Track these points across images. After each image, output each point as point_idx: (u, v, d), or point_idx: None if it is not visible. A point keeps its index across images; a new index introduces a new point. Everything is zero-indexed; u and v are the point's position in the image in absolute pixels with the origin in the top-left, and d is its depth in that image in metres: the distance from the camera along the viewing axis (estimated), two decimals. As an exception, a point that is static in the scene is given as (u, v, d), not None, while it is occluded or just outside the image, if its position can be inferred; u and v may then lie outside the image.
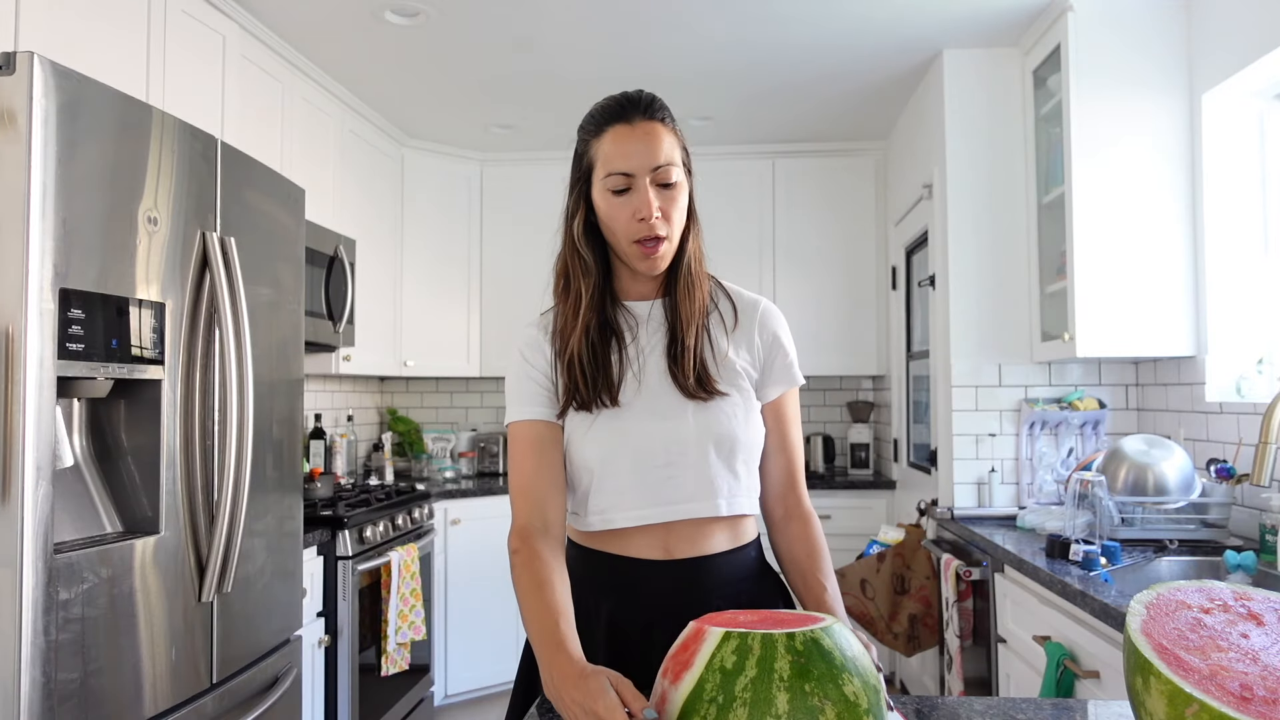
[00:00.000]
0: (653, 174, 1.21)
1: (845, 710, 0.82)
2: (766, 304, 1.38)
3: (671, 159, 1.23)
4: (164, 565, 1.74)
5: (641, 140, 1.22)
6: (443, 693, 3.81)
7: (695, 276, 1.30)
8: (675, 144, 1.25)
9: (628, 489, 1.25)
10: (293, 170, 3.09)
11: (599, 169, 1.24)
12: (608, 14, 2.90)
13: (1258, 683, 0.78)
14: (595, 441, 1.26)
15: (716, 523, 1.28)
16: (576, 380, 1.26)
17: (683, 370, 1.26)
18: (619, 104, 1.25)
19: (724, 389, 1.27)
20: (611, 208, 1.23)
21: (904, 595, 2.99)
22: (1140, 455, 2.37)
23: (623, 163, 1.21)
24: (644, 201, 1.21)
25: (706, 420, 1.26)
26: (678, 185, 1.24)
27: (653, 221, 1.21)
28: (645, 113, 1.23)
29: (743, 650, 0.86)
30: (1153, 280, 2.65)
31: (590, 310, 1.27)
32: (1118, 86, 2.67)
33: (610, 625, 1.26)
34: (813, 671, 0.84)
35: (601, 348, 1.28)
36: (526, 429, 1.28)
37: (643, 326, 1.31)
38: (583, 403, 1.26)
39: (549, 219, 4.92)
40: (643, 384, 1.28)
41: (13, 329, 1.43)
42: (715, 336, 1.31)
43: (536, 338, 1.33)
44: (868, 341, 4.25)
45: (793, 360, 1.36)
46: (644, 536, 1.26)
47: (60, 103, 1.49)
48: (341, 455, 3.79)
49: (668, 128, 1.25)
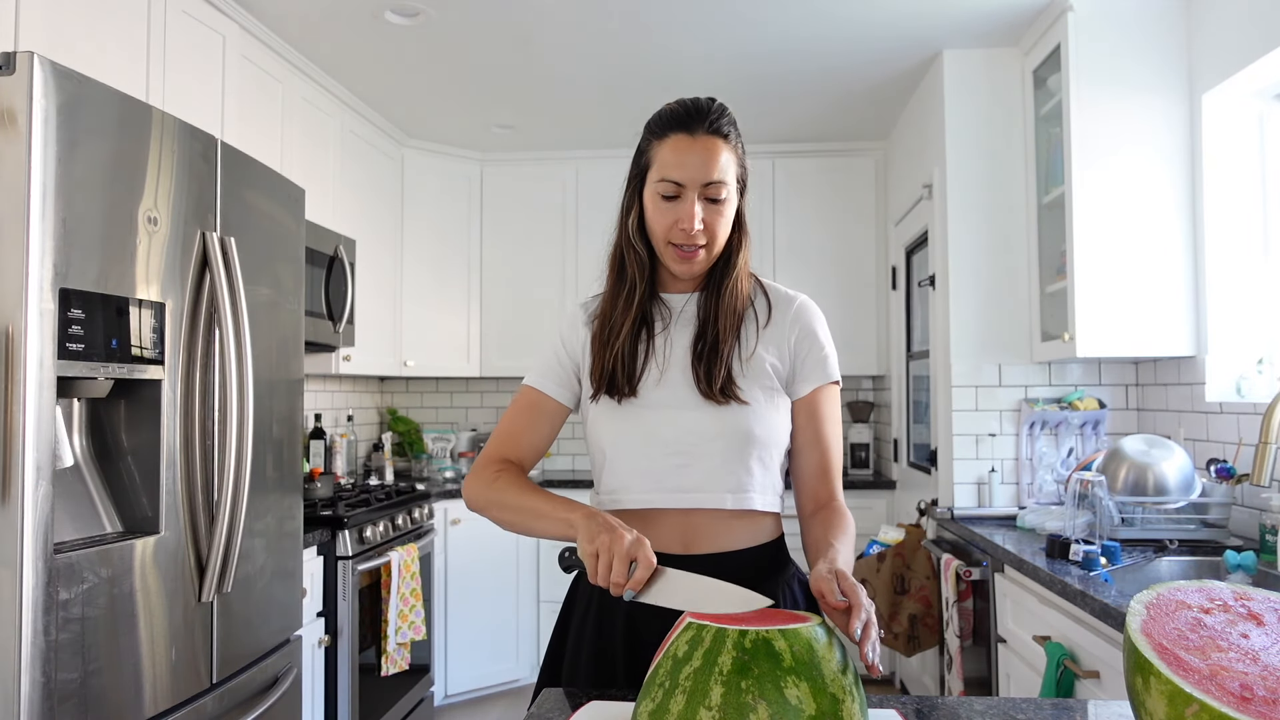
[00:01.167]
0: (703, 189, 1.24)
1: (781, 712, 0.83)
2: (803, 301, 1.38)
3: (724, 177, 1.25)
4: (164, 565, 1.74)
5: (699, 154, 1.24)
6: (443, 693, 3.81)
7: (737, 286, 1.31)
8: (733, 161, 1.27)
9: (637, 473, 1.29)
10: (293, 170, 3.09)
11: (654, 171, 1.27)
12: (607, 14, 2.90)
13: (1258, 683, 0.78)
14: (611, 425, 1.31)
15: (735, 519, 1.29)
16: (616, 368, 1.30)
17: (706, 374, 1.28)
18: (687, 111, 1.26)
19: (745, 397, 1.28)
20: (658, 210, 1.27)
21: (904, 595, 2.99)
22: (1140, 455, 2.37)
23: (677, 172, 1.24)
24: (688, 213, 1.24)
25: (723, 414, 1.27)
26: (726, 201, 1.26)
27: (694, 234, 1.25)
28: (709, 126, 1.25)
29: (695, 640, 0.89)
30: (1153, 280, 2.65)
31: (643, 302, 1.32)
32: (1118, 87, 2.67)
33: (627, 618, 1.27)
34: (753, 670, 0.85)
35: (635, 340, 1.32)
36: (532, 394, 1.37)
37: (675, 318, 1.34)
38: (614, 389, 1.30)
39: (549, 219, 4.91)
40: (665, 375, 1.31)
41: (13, 329, 1.43)
42: (745, 335, 1.32)
43: (577, 317, 1.40)
44: (868, 341, 4.25)
45: (828, 356, 1.35)
46: (663, 528, 1.29)
47: (60, 103, 1.49)
48: (341, 455, 3.79)
49: (729, 144, 1.26)
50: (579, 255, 4.40)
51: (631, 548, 1.04)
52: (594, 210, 4.37)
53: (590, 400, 1.35)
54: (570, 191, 4.43)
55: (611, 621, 1.28)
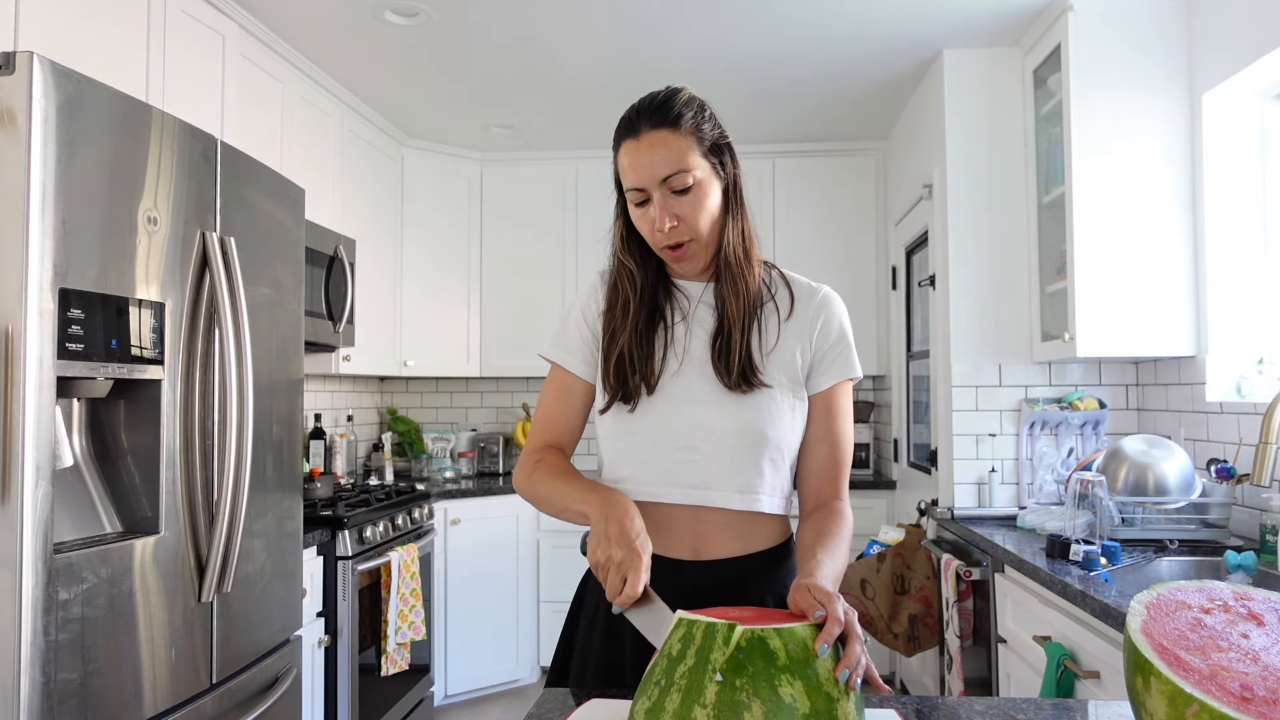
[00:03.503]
0: (662, 185, 1.22)
1: (775, 710, 0.83)
2: (827, 292, 1.36)
3: (680, 165, 1.21)
4: (164, 565, 1.74)
5: (645, 153, 1.22)
6: (442, 693, 3.81)
7: (739, 267, 1.28)
8: (691, 143, 1.23)
9: (646, 465, 1.28)
10: (293, 170, 3.09)
11: (623, 183, 1.27)
12: (608, 14, 2.90)
13: (1258, 683, 0.78)
14: (624, 418, 1.29)
15: (744, 523, 1.27)
16: (625, 374, 1.28)
17: (726, 364, 1.26)
18: (629, 116, 1.26)
19: (768, 381, 1.26)
20: (636, 219, 1.27)
21: (904, 595, 2.99)
22: (1140, 455, 2.37)
23: (632, 178, 1.24)
24: (657, 214, 1.23)
25: (738, 412, 1.25)
26: (696, 186, 1.23)
27: (666, 233, 1.23)
28: (651, 121, 1.23)
29: (687, 639, 0.89)
30: (1153, 280, 2.65)
31: (638, 310, 1.30)
32: (1118, 86, 2.67)
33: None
34: (747, 668, 0.85)
35: (647, 335, 1.30)
36: (561, 375, 1.36)
37: (694, 307, 1.32)
38: (624, 396, 1.28)
39: (549, 219, 4.90)
40: (683, 366, 1.29)
41: (13, 329, 1.43)
42: (767, 327, 1.30)
43: (596, 285, 1.38)
44: (868, 341, 4.25)
45: (848, 349, 1.32)
46: (674, 530, 1.27)
47: (60, 102, 1.49)
48: (341, 455, 3.79)
49: (680, 129, 1.22)
50: (579, 255, 4.40)
51: (623, 565, 1.04)
52: (594, 210, 4.37)
53: (605, 413, 1.34)
54: (570, 191, 4.43)
55: (621, 618, 1.28)
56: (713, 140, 1.26)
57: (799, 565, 1.20)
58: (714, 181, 1.26)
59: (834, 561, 1.16)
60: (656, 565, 1.27)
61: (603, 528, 1.09)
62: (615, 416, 1.30)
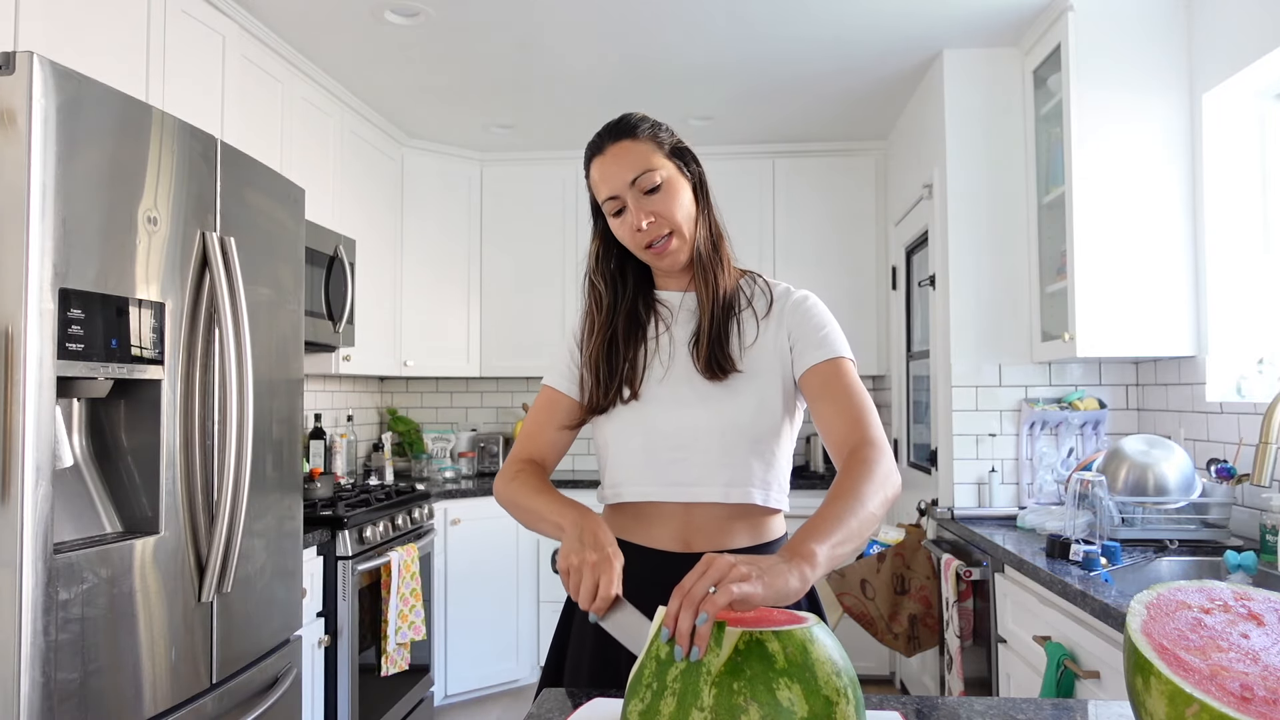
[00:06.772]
0: (633, 188, 1.30)
1: (773, 714, 0.82)
2: (803, 293, 1.40)
3: (648, 165, 1.30)
4: (164, 565, 1.74)
5: (613, 162, 1.31)
6: (443, 693, 3.81)
7: (709, 259, 1.35)
8: (651, 148, 1.31)
9: (638, 467, 1.33)
10: (293, 170, 3.09)
11: (598, 197, 1.35)
12: (608, 14, 2.90)
13: (1258, 683, 0.78)
14: (614, 423, 1.35)
15: (735, 517, 1.32)
16: (598, 381, 1.35)
17: (702, 350, 1.32)
18: (593, 140, 1.35)
19: (742, 367, 1.31)
20: (616, 229, 1.34)
21: (904, 595, 2.99)
22: (1140, 455, 2.37)
23: (605, 187, 1.32)
24: (633, 214, 1.30)
25: (720, 408, 1.30)
26: (666, 184, 1.31)
27: (645, 229, 1.30)
28: (613, 136, 1.32)
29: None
30: (1153, 280, 2.65)
31: (605, 328, 1.37)
32: (1118, 86, 2.67)
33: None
34: (745, 671, 0.84)
35: (626, 348, 1.36)
36: (550, 393, 1.43)
37: (676, 316, 1.39)
38: (598, 407, 1.35)
39: (549, 219, 4.91)
40: (669, 372, 1.35)
41: (13, 329, 1.43)
42: (745, 328, 1.36)
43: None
44: (868, 341, 4.25)
45: (829, 334, 1.32)
46: (663, 524, 1.32)
47: (60, 102, 1.49)
48: (341, 455, 3.79)
49: (641, 139, 1.31)
50: (579, 255, 4.40)
51: (594, 571, 1.05)
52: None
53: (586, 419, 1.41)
54: (570, 191, 4.43)
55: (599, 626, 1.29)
56: (671, 145, 1.35)
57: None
58: (681, 180, 1.34)
59: (834, 513, 1.06)
60: (645, 557, 1.31)
61: (576, 534, 1.12)
62: (609, 424, 1.36)
